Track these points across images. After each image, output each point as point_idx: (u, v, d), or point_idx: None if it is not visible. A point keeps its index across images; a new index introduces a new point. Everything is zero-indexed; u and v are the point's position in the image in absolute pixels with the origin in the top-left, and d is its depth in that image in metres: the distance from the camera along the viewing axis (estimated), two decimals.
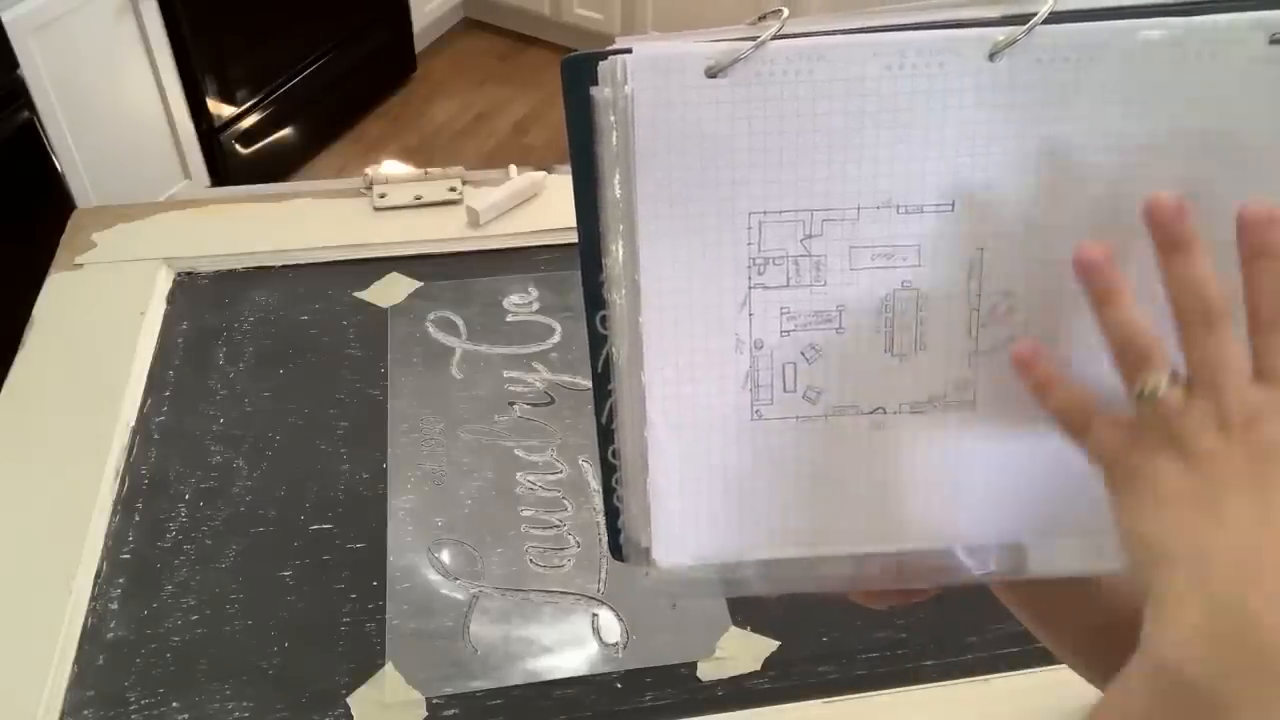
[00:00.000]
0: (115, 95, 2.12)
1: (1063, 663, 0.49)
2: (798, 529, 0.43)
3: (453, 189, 1.19)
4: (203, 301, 1.09)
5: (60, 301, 1.07)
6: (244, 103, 2.42)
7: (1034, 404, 0.39)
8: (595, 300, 0.40)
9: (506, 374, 1.02)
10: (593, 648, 0.81)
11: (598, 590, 0.85)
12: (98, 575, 0.85)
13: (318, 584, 0.85)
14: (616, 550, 0.44)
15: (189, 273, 1.12)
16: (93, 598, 0.83)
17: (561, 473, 0.93)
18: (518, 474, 0.93)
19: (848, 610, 0.82)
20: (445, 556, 0.87)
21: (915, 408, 0.41)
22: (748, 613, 0.83)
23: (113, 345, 1.02)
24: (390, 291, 1.11)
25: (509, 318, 1.08)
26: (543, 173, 1.20)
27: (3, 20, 1.78)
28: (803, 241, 0.39)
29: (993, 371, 0.41)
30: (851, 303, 0.40)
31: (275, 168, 2.55)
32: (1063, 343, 0.40)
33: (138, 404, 0.98)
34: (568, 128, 0.38)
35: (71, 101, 1.98)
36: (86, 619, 0.82)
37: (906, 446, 0.42)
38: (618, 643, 0.81)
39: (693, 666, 0.80)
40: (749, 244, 0.39)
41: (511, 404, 0.99)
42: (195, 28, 2.20)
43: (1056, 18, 0.36)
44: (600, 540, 0.88)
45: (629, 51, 0.36)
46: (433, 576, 0.85)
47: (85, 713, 0.76)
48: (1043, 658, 0.55)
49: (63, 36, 1.93)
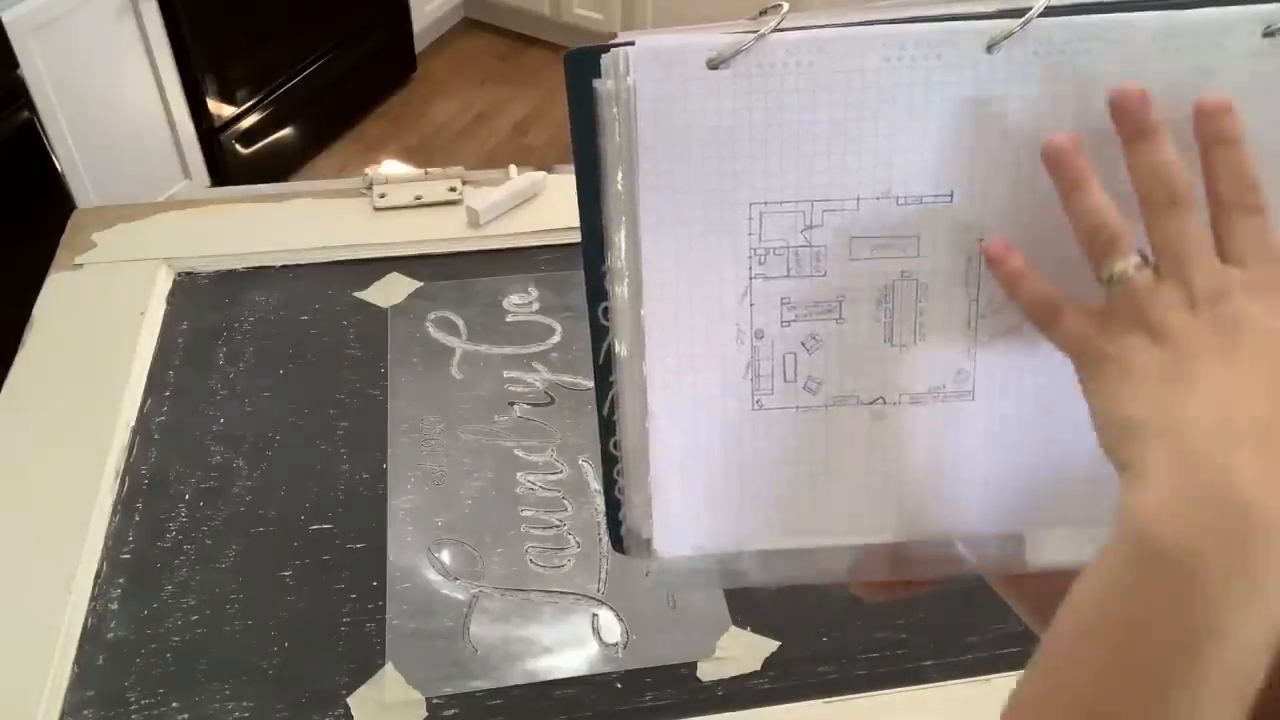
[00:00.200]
0: (115, 95, 2.12)
1: None
2: (798, 518, 0.43)
3: (453, 189, 1.19)
4: (203, 301, 1.09)
5: (60, 301, 1.07)
6: (244, 103, 2.42)
7: (1033, 394, 0.39)
8: (597, 292, 0.40)
9: (506, 374, 1.02)
10: (593, 648, 0.81)
11: (598, 590, 0.85)
12: (98, 575, 0.85)
13: (318, 584, 0.85)
14: (618, 542, 0.44)
15: (189, 273, 1.12)
16: (93, 598, 0.83)
17: (561, 473, 0.93)
18: (518, 474, 0.93)
19: (848, 610, 0.82)
20: (445, 556, 0.87)
21: (915, 398, 0.42)
22: (748, 613, 0.83)
23: (113, 345, 1.02)
24: (390, 291, 1.10)
25: (509, 318, 1.08)
26: (543, 173, 1.20)
27: (3, 20, 1.78)
28: (803, 232, 0.39)
29: (992, 362, 0.41)
30: (851, 293, 0.40)
31: (275, 168, 2.55)
32: None
33: (138, 404, 0.98)
34: (571, 121, 0.38)
35: (71, 101, 1.98)
36: (86, 619, 0.82)
37: (906, 437, 0.42)
38: (618, 643, 0.81)
39: (693, 666, 0.80)
40: (750, 235, 0.39)
41: (511, 404, 0.99)
42: (195, 28, 2.20)
43: (1053, 11, 0.36)
44: (600, 540, 0.88)
45: (632, 44, 0.37)
46: (433, 576, 0.85)
47: (85, 713, 0.76)
48: None
49: (62, 36, 1.93)
